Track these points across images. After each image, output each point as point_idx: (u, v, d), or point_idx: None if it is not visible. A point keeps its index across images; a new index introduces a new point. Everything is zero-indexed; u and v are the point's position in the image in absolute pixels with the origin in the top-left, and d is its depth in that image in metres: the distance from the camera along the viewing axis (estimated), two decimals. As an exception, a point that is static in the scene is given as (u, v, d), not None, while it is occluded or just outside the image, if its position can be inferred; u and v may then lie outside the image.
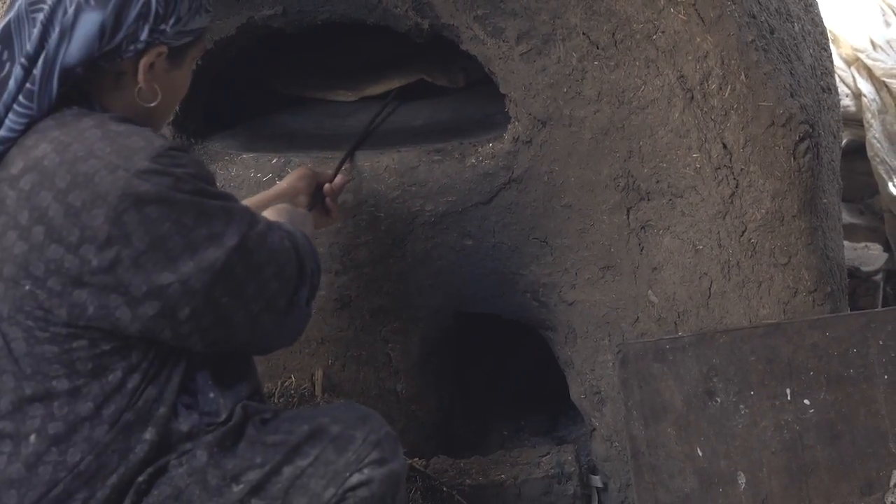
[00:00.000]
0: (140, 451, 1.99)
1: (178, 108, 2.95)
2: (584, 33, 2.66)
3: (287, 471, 2.08)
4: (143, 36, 1.96)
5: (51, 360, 1.92)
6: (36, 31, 1.91)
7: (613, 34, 2.64)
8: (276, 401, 2.97)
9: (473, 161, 2.88)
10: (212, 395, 2.10)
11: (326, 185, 2.72)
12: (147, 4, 1.94)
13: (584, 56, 2.68)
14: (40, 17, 1.91)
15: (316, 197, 2.71)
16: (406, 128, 3.12)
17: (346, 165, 2.88)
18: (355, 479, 2.09)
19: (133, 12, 1.93)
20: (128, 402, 1.97)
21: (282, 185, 2.68)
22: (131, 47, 1.96)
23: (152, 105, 2.04)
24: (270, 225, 2.08)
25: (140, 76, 2.00)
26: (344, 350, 3.06)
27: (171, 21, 1.98)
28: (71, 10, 1.91)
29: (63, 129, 1.92)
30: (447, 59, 3.24)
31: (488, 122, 3.03)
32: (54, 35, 1.91)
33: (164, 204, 1.86)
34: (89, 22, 1.91)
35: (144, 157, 1.87)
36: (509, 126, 2.86)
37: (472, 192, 2.88)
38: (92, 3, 1.91)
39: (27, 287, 1.87)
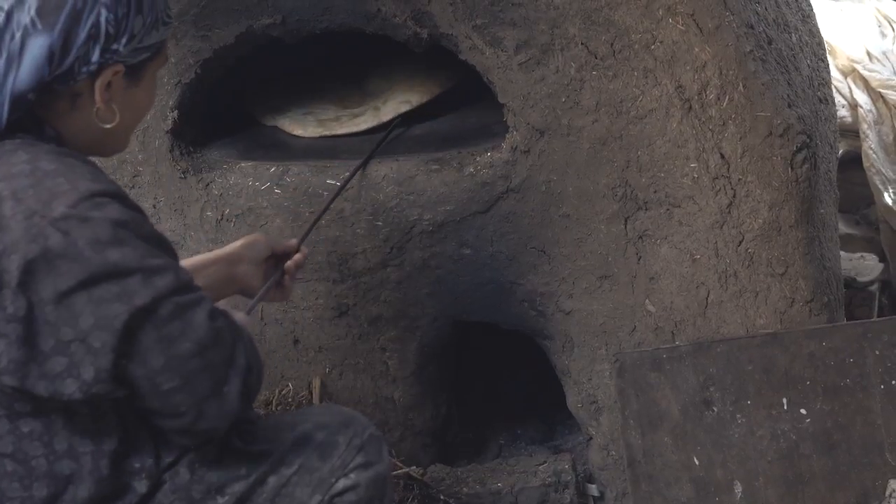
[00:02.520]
0: (132, 500, 1.96)
1: (176, 116, 2.96)
2: (582, 43, 2.67)
3: (272, 480, 2.07)
4: (95, 57, 1.87)
5: None
6: None
7: (612, 44, 2.65)
8: (273, 409, 2.98)
9: (471, 170, 2.88)
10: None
11: (289, 263, 2.54)
12: (96, 26, 1.85)
13: (583, 66, 2.69)
14: None
15: (268, 270, 2.53)
16: (404, 137, 3.12)
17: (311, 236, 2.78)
18: (341, 484, 2.10)
19: (82, 34, 1.84)
20: (83, 440, 1.91)
21: (226, 249, 2.50)
22: (84, 69, 1.87)
23: (111, 126, 1.95)
24: (203, 300, 1.90)
25: (97, 96, 1.91)
26: (341, 358, 3.07)
27: (124, 40, 1.89)
28: (18, 36, 1.82)
29: None
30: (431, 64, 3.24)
31: (486, 131, 3.04)
32: (1, 62, 1.83)
33: (71, 259, 1.75)
34: (37, 46, 1.82)
35: (63, 203, 1.76)
36: (507, 136, 2.86)
37: (471, 202, 2.88)
38: (39, 27, 1.82)
39: None
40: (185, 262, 2.38)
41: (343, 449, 2.12)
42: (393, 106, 3.16)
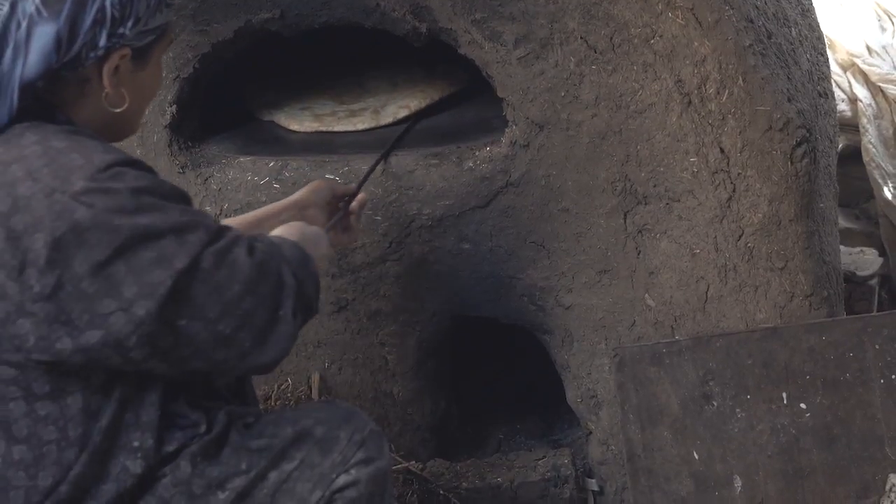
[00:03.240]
0: (125, 480, 1.94)
1: (174, 111, 2.96)
2: (581, 37, 2.67)
3: (273, 475, 2.07)
4: (102, 42, 1.89)
5: (7, 382, 1.86)
6: None
7: (611, 38, 2.64)
8: (272, 403, 2.98)
9: (471, 165, 2.88)
10: (194, 412, 2.05)
11: (353, 203, 2.66)
12: (102, 10, 1.88)
13: (582, 60, 2.68)
14: None
15: (334, 212, 2.63)
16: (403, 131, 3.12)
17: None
18: (342, 480, 2.09)
19: (88, 19, 1.86)
20: (96, 426, 1.91)
21: (293, 197, 2.61)
22: (91, 54, 1.89)
23: (121, 110, 1.98)
24: (237, 239, 1.96)
25: (105, 81, 1.93)
26: (340, 353, 3.06)
27: (130, 23, 1.91)
28: (24, 25, 1.84)
29: (6, 146, 1.85)
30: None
31: (486, 126, 3.03)
32: (9, 51, 1.85)
33: (101, 229, 1.78)
34: (44, 34, 1.85)
35: (81, 177, 1.79)
36: (507, 130, 2.86)
37: (470, 196, 2.88)
38: (45, 14, 1.85)
39: None
40: (255, 214, 2.54)
41: (344, 444, 2.11)
42: (392, 110, 3.16)
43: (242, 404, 2.25)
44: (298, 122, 3.17)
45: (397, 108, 3.16)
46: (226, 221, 2.46)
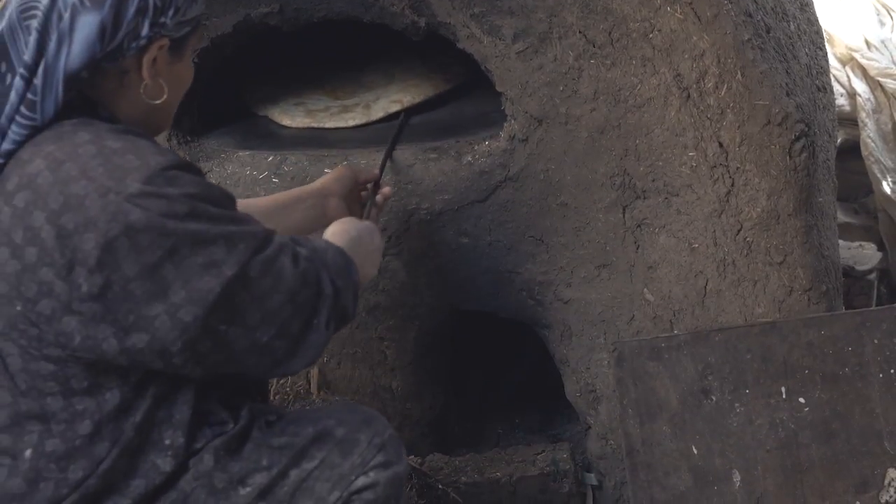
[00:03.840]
0: (154, 477, 1.95)
1: (173, 105, 2.96)
2: (580, 32, 2.67)
3: (293, 474, 2.06)
4: (145, 31, 1.89)
5: (46, 377, 1.86)
6: (32, 40, 1.83)
7: (610, 33, 2.64)
8: (272, 398, 2.97)
9: (470, 159, 2.88)
10: (224, 410, 2.05)
11: (379, 197, 2.68)
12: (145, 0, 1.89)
13: (581, 54, 2.68)
14: (34, 23, 1.84)
15: (356, 201, 2.64)
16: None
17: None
18: (360, 482, 2.08)
19: (132, 8, 1.87)
20: (129, 421, 1.92)
21: (316, 184, 2.61)
22: (133, 44, 1.89)
23: (159, 101, 1.99)
24: (283, 247, 1.96)
25: (144, 72, 1.94)
26: (339, 347, 3.06)
27: (171, 12, 1.92)
28: (67, 15, 1.84)
29: (58, 143, 1.84)
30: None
31: (484, 120, 3.03)
32: (52, 42, 1.84)
33: (154, 232, 1.78)
34: (88, 24, 1.84)
35: (137, 179, 1.79)
36: (505, 124, 2.86)
37: (469, 191, 2.88)
38: (88, 4, 1.84)
39: (18, 307, 1.82)
40: (277, 198, 2.55)
41: (364, 447, 2.11)
42: (384, 104, 3.15)
43: (264, 402, 2.26)
44: (290, 117, 3.17)
45: (389, 102, 3.16)
46: (246, 202, 2.46)
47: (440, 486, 2.95)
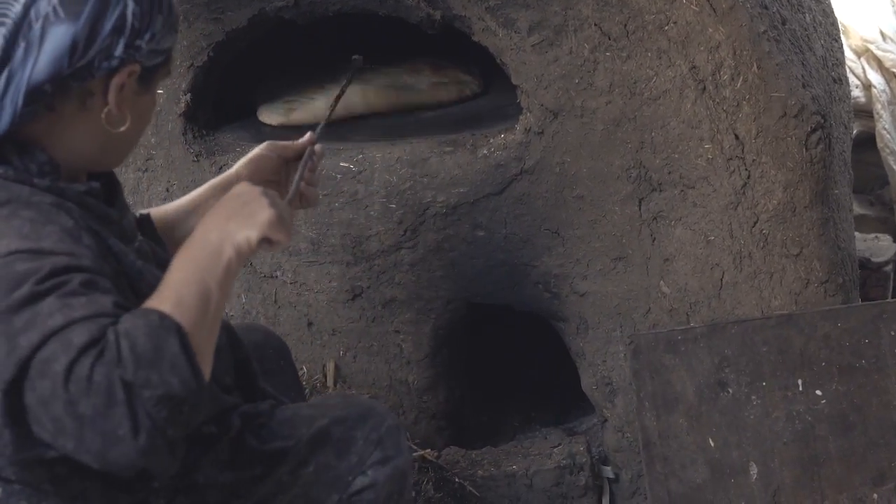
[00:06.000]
0: None
1: (188, 99, 2.97)
2: (595, 24, 2.66)
3: (288, 480, 2.05)
4: (118, 52, 1.76)
5: None
6: None
7: (625, 25, 2.64)
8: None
9: (485, 152, 2.88)
10: (208, 425, 1.98)
11: (315, 150, 2.30)
12: (122, 17, 1.75)
13: (596, 47, 2.68)
14: (2, 31, 1.71)
15: (286, 178, 2.30)
16: (418, 119, 3.12)
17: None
18: (359, 482, 2.08)
19: (108, 25, 1.74)
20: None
21: (228, 171, 2.33)
22: (105, 64, 1.76)
23: (119, 131, 1.82)
24: (68, 347, 1.55)
25: (111, 96, 1.79)
26: (355, 341, 3.07)
27: (147, 36, 1.78)
28: (38, 25, 1.71)
29: None
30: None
31: (500, 113, 3.03)
32: (20, 49, 1.71)
33: None
34: (60, 35, 1.71)
35: None
36: (521, 117, 2.86)
37: (484, 184, 2.88)
38: (62, 15, 1.72)
39: None
40: (194, 195, 2.30)
41: (360, 445, 2.10)
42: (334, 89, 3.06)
43: (254, 402, 2.17)
44: (269, 115, 3.18)
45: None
46: (165, 208, 2.29)
47: (457, 480, 2.96)
